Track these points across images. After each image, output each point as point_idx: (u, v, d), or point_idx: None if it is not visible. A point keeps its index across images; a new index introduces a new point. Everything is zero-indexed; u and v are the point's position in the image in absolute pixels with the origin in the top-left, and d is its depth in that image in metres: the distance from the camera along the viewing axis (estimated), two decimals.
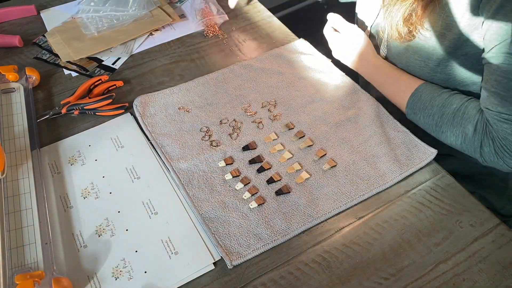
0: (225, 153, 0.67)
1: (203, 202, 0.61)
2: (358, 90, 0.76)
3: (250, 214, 0.60)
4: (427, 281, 0.54)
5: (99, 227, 0.59)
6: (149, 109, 0.73)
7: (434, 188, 0.62)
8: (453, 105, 0.64)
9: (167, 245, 0.57)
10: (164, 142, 0.68)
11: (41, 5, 0.98)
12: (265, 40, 0.88)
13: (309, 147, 0.67)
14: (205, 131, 0.70)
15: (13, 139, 0.68)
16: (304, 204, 0.60)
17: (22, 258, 0.54)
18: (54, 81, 0.81)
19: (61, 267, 0.55)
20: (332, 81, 0.78)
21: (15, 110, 0.72)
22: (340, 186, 0.62)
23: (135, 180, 0.64)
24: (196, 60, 0.84)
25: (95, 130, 0.71)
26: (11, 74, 0.75)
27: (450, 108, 0.64)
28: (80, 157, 0.67)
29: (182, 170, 0.64)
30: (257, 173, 0.64)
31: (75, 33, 0.89)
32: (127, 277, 0.54)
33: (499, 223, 0.58)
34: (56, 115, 0.73)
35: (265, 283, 0.54)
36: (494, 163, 0.61)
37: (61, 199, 0.62)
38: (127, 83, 0.80)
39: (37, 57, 0.86)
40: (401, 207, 0.61)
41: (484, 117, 0.61)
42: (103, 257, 0.56)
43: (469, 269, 0.54)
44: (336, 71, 0.80)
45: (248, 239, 0.57)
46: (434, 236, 0.57)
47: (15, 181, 0.62)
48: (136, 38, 0.89)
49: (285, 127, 0.70)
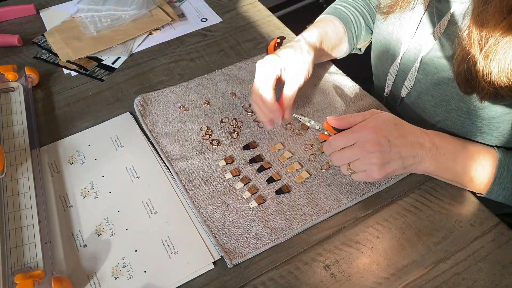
0: (225, 152, 0.67)
1: (203, 201, 0.61)
2: (359, 89, 0.76)
3: (250, 213, 0.60)
4: (427, 280, 0.54)
5: (99, 226, 0.59)
6: (149, 108, 0.73)
7: (434, 187, 0.62)
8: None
9: (167, 244, 0.57)
10: (164, 141, 0.68)
11: (40, 5, 0.98)
12: (264, 40, 0.88)
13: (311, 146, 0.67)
14: (205, 130, 0.70)
15: (13, 139, 0.68)
16: (304, 204, 0.60)
17: (22, 258, 0.54)
18: (53, 81, 0.81)
19: (61, 267, 0.55)
20: (332, 80, 0.78)
21: (15, 110, 0.72)
22: (340, 185, 0.62)
23: (135, 179, 0.64)
24: (196, 60, 0.84)
25: (95, 129, 0.71)
26: (11, 74, 0.75)
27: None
28: (80, 156, 0.67)
29: (182, 169, 0.64)
30: (257, 173, 0.64)
31: (75, 33, 0.89)
32: (126, 276, 0.54)
33: (499, 222, 0.59)
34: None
35: (265, 283, 0.54)
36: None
37: (61, 199, 0.62)
38: (127, 83, 0.80)
39: (36, 56, 0.85)
40: (401, 206, 0.61)
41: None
42: (103, 257, 0.56)
43: (468, 268, 0.54)
44: (336, 70, 0.80)
45: (248, 239, 0.57)
46: (434, 235, 0.57)
47: (14, 181, 0.62)
48: (135, 37, 0.89)
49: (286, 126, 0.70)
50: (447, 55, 0.60)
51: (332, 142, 0.55)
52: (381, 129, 0.53)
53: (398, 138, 0.54)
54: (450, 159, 0.57)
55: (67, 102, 0.77)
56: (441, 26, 0.60)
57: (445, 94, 0.61)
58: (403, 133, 0.54)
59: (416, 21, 0.64)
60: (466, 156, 0.58)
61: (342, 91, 0.76)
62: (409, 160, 0.55)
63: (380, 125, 0.53)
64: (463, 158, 0.58)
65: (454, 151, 0.58)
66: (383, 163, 0.53)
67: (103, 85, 0.80)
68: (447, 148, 0.57)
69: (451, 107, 0.60)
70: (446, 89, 0.61)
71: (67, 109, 0.75)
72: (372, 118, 0.54)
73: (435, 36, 0.61)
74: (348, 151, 0.54)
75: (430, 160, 0.56)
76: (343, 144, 0.54)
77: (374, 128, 0.53)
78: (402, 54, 0.67)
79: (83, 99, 0.77)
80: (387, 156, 0.53)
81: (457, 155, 0.58)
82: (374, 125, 0.53)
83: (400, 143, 0.54)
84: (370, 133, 0.52)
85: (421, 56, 0.63)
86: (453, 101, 0.60)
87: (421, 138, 0.56)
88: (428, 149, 0.56)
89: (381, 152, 0.53)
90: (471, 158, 0.58)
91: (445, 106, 0.61)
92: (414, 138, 0.55)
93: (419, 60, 0.64)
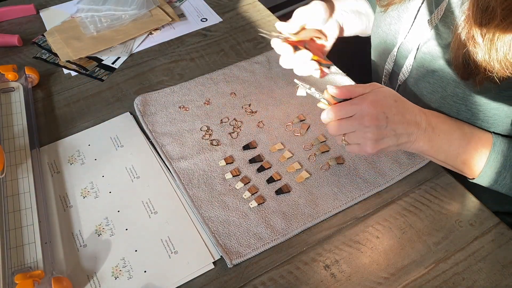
0: (225, 152, 0.67)
1: (203, 201, 0.61)
2: None
3: (250, 213, 0.60)
4: (427, 280, 0.54)
5: (99, 226, 0.59)
6: (149, 108, 0.73)
7: (434, 187, 0.62)
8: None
9: (167, 244, 0.57)
10: (164, 141, 0.68)
11: (40, 4, 0.98)
12: (264, 39, 0.88)
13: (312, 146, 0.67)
14: (205, 130, 0.70)
15: (13, 139, 0.68)
16: (304, 204, 0.60)
17: (22, 258, 0.54)
18: (53, 81, 0.81)
19: (61, 267, 0.55)
20: (332, 80, 0.78)
21: (15, 110, 0.72)
22: (340, 185, 0.62)
23: (134, 179, 0.64)
24: (196, 60, 0.84)
25: (95, 129, 0.71)
26: (11, 74, 0.75)
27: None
28: (80, 156, 0.67)
29: (182, 169, 0.64)
30: (257, 173, 0.64)
31: (75, 33, 0.89)
32: (126, 276, 0.54)
33: (499, 222, 0.59)
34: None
35: (264, 283, 0.54)
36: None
37: (61, 199, 0.62)
38: (127, 83, 0.80)
39: (36, 56, 0.85)
40: (401, 206, 0.61)
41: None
42: (103, 257, 0.56)
43: (468, 268, 0.54)
44: (336, 69, 0.80)
45: (248, 239, 0.57)
46: (434, 235, 0.57)
47: (14, 181, 0.62)
48: (135, 37, 0.89)
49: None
50: (444, 42, 0.60)
51: (330, 112, 0.54)
52: (381, 104, 0.52)
53: (396, 114, 0.53)
54: (444, 140, 0.57)
55: (67, 102, 0.77)
56: (438, 13, 0.60)
57: (441, 81, 0.61)
58: (402, 110, 0.54)
59: (414, 10, 0.65)
60: (461, 138, 0.58)
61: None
62: (403, 138, 0.55)
63: (380, 100, 0.53)
64: (458, 139, 0.57)
65: (449, 132, 0.57)
66: (378, 138, 0.53)
67: (103, 85, 0.80)
68: (442, 129, 0.57)
69: (447, 93, 0.60)
70: (442, 75, 0.60)
71: (67, 109, 0.75)
72: (373, 92, 0.54)
73: (432, 23, 0.61)
74: (345, 122, 0.54)
75: (424, 139, 0.56)
76: (342, 115, 0.54)
77: (374, 102, 0.52)
78: (400, 44, 0.67)
79: (83, 99, 0.77)
80: (382, 132, 0.53)
81: (452, 137, 0.57)
82: (374, 99, 0.52)
83: (398, 120, 0.53)
84: (369, 107, 0.52)
85: (418, 43, 0.64)
86: (449, 87, 0.60)
87: (418, 117, 0.55)
88: (424, 128, 0.56)
89: (377, 127, 0.52)
90: (465, 140, 0.58)
91: (441, 92, 0.61)
92: (412, 116, 0.55)
93: (415, 48, 0.64)
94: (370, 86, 0.55)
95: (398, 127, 0.54)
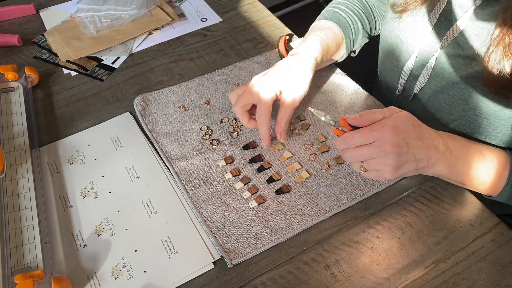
0: (225, 152, 0.67)
1: (203, 201, 0.61)
2: (359, 90, 0.76)
3: (250, 213, 0.60)
4: (427, 280, 0.54)
5: (99, 226, 0.59)
6: (149, 108, 0.73)
7: (434, 187, 0.62)
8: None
9: (167, 244, 0.57)
10: (164, 141, 0.68)
11: (40, 4, 0.98)
12: (264, 40, 0.88)
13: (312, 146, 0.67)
14: (205, 130, 0.70)
15: (12, 139, 0.68)
16: (304, 204, 0.60)
17: (22, 258, 0.54)
18: (53, 81, 0.81)
19: (61, 267, 0.55)
20: (332, 80, 0.78)
21: (14, 110, 0.72)
22: (340, 185, 0.62)
23: (134, 179, 0.64)
24: (196, 60, 0.84)
25: (95, 129, 0.71)
26: (10, 73, 0.75)
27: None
28: (80, 156, 0.67)
29: (182, 169, 0.64)
30: (257, 172, 0.64)
31: (74, 33, 0.89)
32: (126, 276, 0.54)
33: (499, 222, 0.59)
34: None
35: (264, 282, 0.54)
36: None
37: (61, 199, 0.62)
38: (126, 83, 0.80)
39: (36, 56, 0.85)
40: (401, 206, 0.61)
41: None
42: (103, 257, 0.56)
43: (468, 268, 0.54)
44: (336, 70, 0.80)
45: (248, 238, 0.57)
46: (434, 235, 0.57)
47: (14, 181, 0.62)
48: (135, 37, 0.89)
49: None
50: (465, 52, 0.58)
51: (348, 139, 0.53)
52: (402, 130, 0.51)
53: (415, 140, 0.52)
54: (463, 163, 0.56)
55: (67, 102, 0.77)
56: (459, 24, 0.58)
57: (462, 93, 0.60)
58: (420, 135, 0.53)
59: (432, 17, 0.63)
60: (479, 161, 0.57)
61: (342, 91, 0.76)
62: (422, 163, 0.54)
63: (400, 126, 0.52)
64: (476, 162, 0.57)
65: (467, 155, 0.57)
66: (399, 165, 0.52)
67: (103, 85, 0.80)
68: (461, 152, 0.56)
69: (468, 106, 0.59)
70: (464, 88, 0.59)
71: (67, 109, 0.75)
72: (392, 117, 0.53)
73: (453, 34, 0.60)
74: (366, 149, 0.52)
75: (443, 163, 0.55)
76: (361, 142, 0.52)
77: (395, 128, 0.51)
78: (418, 52, 0.66)
79: (83, 99, 0.77)
80: (403, 158, 0.52)
81: (471, 159, 0.57)
82: (395, 125, 0.51)
83: (417, 145, 0.52)
84: (390, 134, 0.51)
85: (436, 54, 0.62)
86: (471, 100, 0.59)
87: (436, 141, 0.55)
88: (442, 152, 0.55)
89: (399, 154, 0.51)
90: (484, 163, 0.57)
91: (462, 105, 0.60)
92: (430, 141, 0.54)
93: (434, 58, 0.63)
94: (388, 110, 0.54)
95: (418, 153, 0.53)
